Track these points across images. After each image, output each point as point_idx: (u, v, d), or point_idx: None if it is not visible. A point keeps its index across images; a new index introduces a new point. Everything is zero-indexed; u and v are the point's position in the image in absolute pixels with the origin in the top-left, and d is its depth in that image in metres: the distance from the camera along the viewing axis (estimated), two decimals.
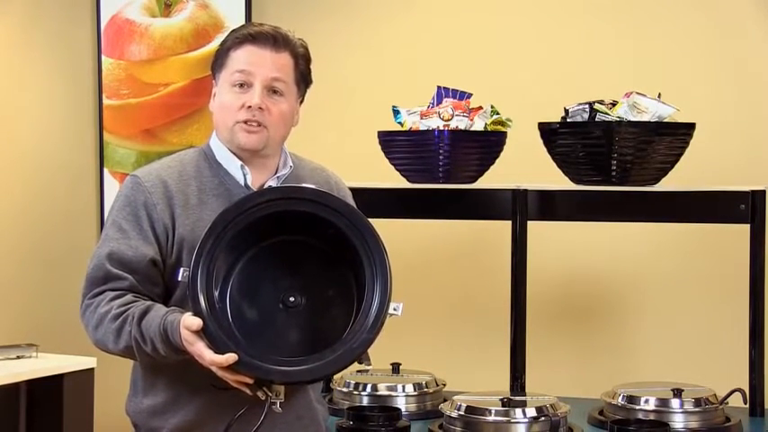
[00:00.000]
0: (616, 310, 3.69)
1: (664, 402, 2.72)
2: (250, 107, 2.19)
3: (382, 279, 2.05)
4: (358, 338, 2.02)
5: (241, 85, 2.20)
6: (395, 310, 2.05)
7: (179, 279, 2.05)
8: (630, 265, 3.67)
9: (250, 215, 2.07)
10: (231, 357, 1.99)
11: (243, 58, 2.20)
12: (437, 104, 3.13)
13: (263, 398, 2.05)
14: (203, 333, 2.01)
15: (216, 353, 2.00)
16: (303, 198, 2.09)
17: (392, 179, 3.21)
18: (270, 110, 2.21)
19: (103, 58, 4.28)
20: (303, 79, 2.28)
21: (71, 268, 4.00)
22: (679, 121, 2.94)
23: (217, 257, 2.05)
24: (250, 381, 2.03)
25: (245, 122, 2.20)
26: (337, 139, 3.96)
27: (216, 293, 2.05)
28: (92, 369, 3.65)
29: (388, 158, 3.17)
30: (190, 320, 2.01)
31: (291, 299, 2.09)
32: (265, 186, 2.25)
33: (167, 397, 2.23)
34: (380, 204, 3.04)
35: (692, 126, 2.96)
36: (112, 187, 4.22)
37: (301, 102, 2.31)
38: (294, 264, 2.13)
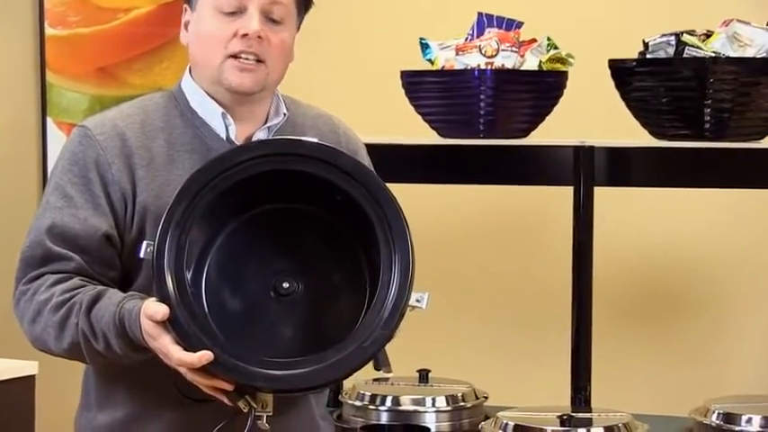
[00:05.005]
0: (708, 303, 3.69)
1: None
2: (245, 35, 2.18)
3: (403, 260, 2.04)
4: (370, 335, 2.01)
5: (231, 12, 2.19)
6: (418, 301, 2.05)
7: (141, 256, 2.05)
8: (728, 244, 3.67)
9: (234, 175, 2.06)
10: (205, 356, 1.98)
11: None
12: (478, 36, 3.12)
13: (246, 410, 2.04)
14: (170, 324, 2.00)
15: (186, 350, 1.99)
16: (302, 154, 2.08)
17: (419, 133, 3.21)
18: (269, 40, 2.21)
19: None
20: (304, 1, 2.28)
21: (2, 247, 4.01)
22: None
23: (190, 229, 2.04)
24: (229, 387, 2.02)
25: (238, 57, 2.20)
26: (348, 81, 3.95)
27: (188, 275, 2.04)
28: (32, 376, 3.67)
29: (413, 106, 3.17)
30: (153, 308, 2.00)
31: (285, 285, 2.09)
32: (253, 139, 2.25)
33: (128, 411, 2.24)
34: (404, 165, 3.04)
35: None
36: (58, 142, 4.21)
37: (297, 30, 2.31)
38: (289, 240, 2.13)
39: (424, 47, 3.17)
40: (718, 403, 2.81)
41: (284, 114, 2.30)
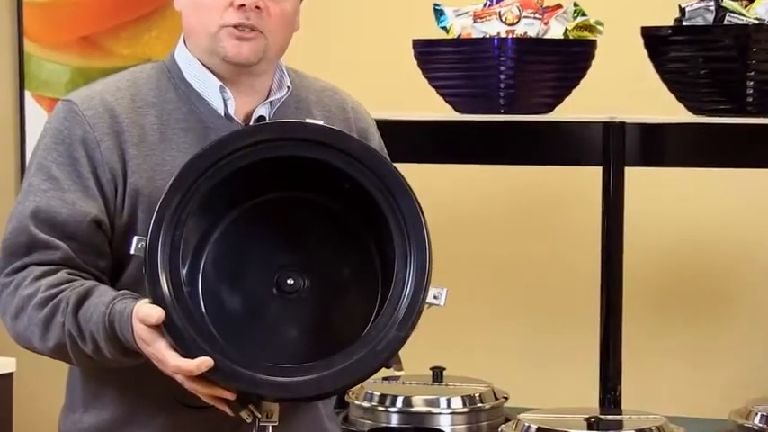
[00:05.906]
0: (749, 295, 3.70)
1: None
2: (242, 6, 2.19)
3: (418, 255, 2.04)
4: (384, 337, 2.01)
5: None
6: (436, 298, 2.05)
7: (132, 252, 2.05)
8: None
9: (233, 163, 2.06)
10: (204, 363, 1.98)
11: None
12: (497, 2, 3.11)
13: (249, 420, 2.05)
14: (165, 328, 2.00)
15: (183, 356, 1.99)
16: (308, 139, 2.08)
17: (434, 108, 3.20)
18: (269, 10, 2.21)
19: None
20: None
21: None
22: None
23: (185, 222, 2.04)
24: (231, 396, 2.02)
25: (236, 27, 2.20)
26: (356, 51, 3.95)
27: (184, 272, 2.04)
28: (10, 374, 3.67)
29: (427, 79, 3.17)
30: (146, 311, 2.00)
31: (290, 281, 2.10)
32: (254, 116, 2.25)
33: (117, 413, 2.24)
34: (417, 143, 3.05)
35: None
36: (37, 118, 4.22)
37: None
38: (293, 232, 2.13)
39: (439, 13, 3.16)
40: (761, 404, 2.82)
41: (288, 88, 2.29)
